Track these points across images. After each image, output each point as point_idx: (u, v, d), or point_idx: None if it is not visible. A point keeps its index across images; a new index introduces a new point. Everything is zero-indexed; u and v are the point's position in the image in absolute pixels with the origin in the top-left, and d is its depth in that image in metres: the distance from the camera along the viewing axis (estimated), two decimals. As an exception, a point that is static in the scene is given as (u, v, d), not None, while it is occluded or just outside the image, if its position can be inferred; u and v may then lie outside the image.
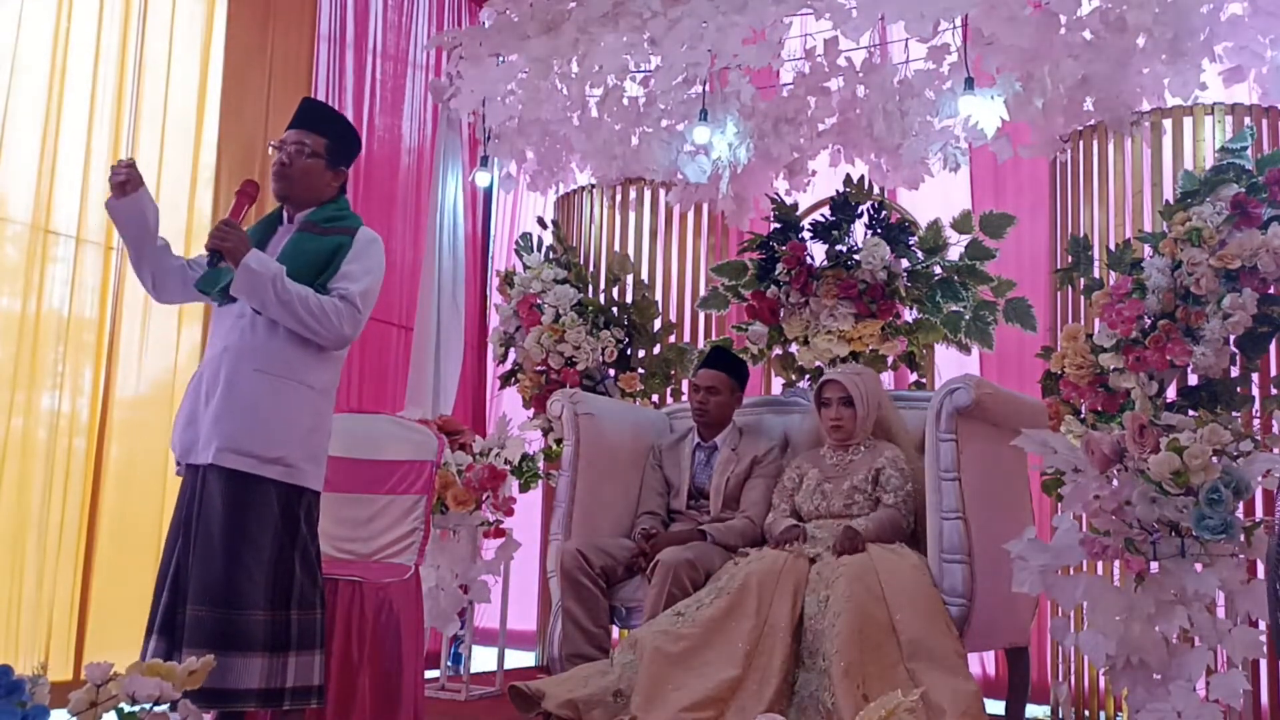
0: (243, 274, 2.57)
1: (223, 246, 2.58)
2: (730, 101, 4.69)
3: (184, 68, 4.36)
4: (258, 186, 2.76)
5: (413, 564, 3.55)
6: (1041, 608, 3.86)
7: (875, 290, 4.24)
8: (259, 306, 2.62)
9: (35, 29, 3.87)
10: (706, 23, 4.42)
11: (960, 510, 3.12)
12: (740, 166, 4.78)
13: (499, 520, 4.20)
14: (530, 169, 5.28)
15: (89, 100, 4.02)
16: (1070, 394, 3.85)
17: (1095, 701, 3.95)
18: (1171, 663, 2.67)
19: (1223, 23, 3.78)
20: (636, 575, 3.48)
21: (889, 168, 4.61)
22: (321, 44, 4.93)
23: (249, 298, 2.61)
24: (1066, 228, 4.19)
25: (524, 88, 4.98)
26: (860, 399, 3.46)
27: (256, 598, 2.53)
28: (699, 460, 3.78)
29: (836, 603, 2.94)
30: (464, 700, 4.18)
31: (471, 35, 5.19)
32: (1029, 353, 4.33)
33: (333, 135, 2.82)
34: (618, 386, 4.85)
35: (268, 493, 2.59)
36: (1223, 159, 3.74)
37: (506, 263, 5.80)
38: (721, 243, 5.16)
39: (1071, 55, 3.89)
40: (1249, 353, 3.65)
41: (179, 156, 4.31)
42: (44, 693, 1.76)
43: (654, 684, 2.92)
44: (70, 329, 3.92)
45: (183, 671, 1.92)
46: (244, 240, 2.61)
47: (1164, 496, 2.63)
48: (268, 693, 2.53)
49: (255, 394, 2.60)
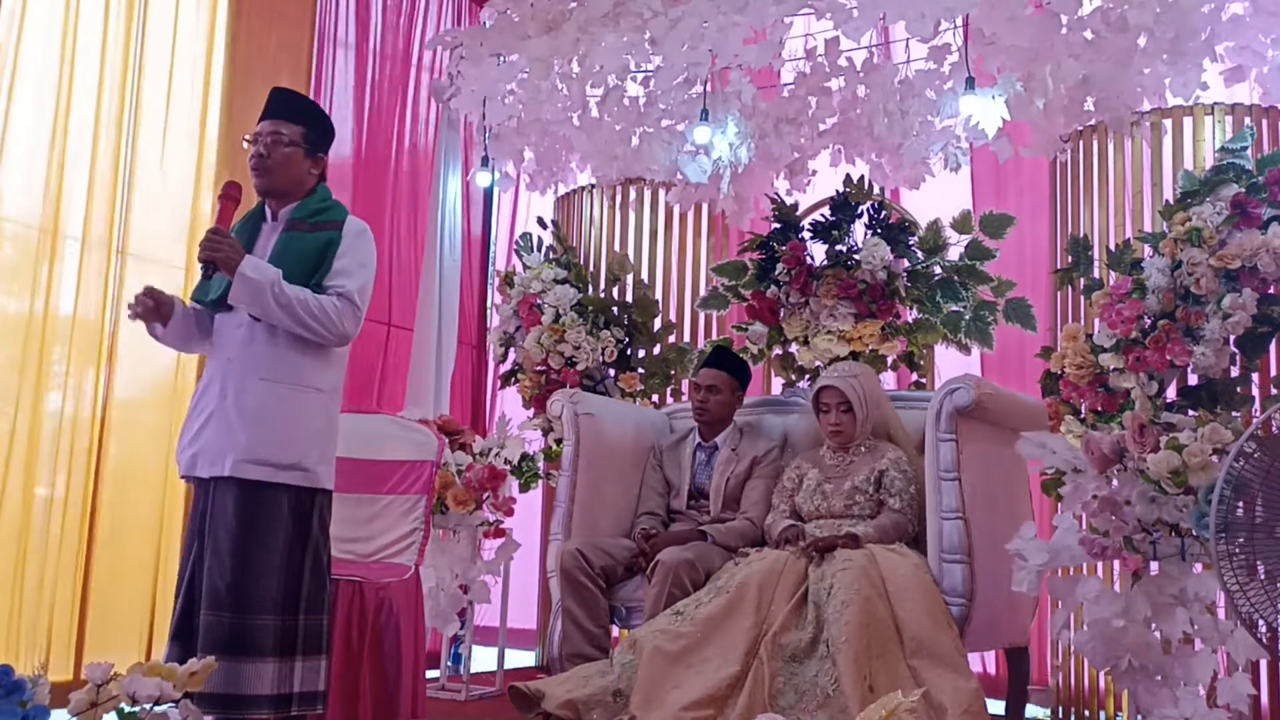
0: (239, 283, 2.54)
1: (215, 257, 2.55)
2: (731, 101, 4.69)
3: (186, 68, 4.35)
4: (239, 187, 2.71)
5: (413, 564, 3.56)
6: (1041, 607, 3.86)
7: (875, 290, 4.24)
8: (259, 313, 2.59)
9: (38, 30, 3.86)
10: (707, 23, 4.42)
11: (960, 510, 3.12)
12: (741, 166, 4.78)
13: (499, 520, 4.20)
14: (530, 169, 5.27)
15: (92, 101, 4.01)
16: (1070, 394, 3.85)
17: (1095, 701, 3.95)
18: (1177, 665, 2.67)
19: (1224, 22, 3.77)
20: (636, 575, 3.48)
21: (890, 168, 4.61)
22: (322, 44, 4.93)
23: (248, 305, 2.59)
24: (1066, 228, 4.19)
25: (524, 87, 4.98)
26: (859, 403, 3.45)
27: (267, 603, 2.54)
28: (699, 460, 3.78)
29: (843, 592, 2.94)
30: (464, 700, 4.18)
31: (472, 35, 5.19)
32: (1029, 353, 4.33)
33: (308, 122, 2.77)
34: (618, 386, 4.85)
35: (280, 498, 2.59)
36: (1223, 159, 3.73)
37: (506, 263, 5.80)
38: (721, 243, 5.16)
39: (1072, 55, 3.88)
40: (1249, 353, 3.65)
41: (181, 157, 4.30)
42: (44, 693, 1.76)
43: (653, 683, 2.92)
44: (71, 330, 3.91)
45: (183, 672, 1.92)
46: (236, 249, 2.57)
47: (1163, 496, 2.63)
48: (277, 699, 2.53)
49: (265, 403, 2.60)
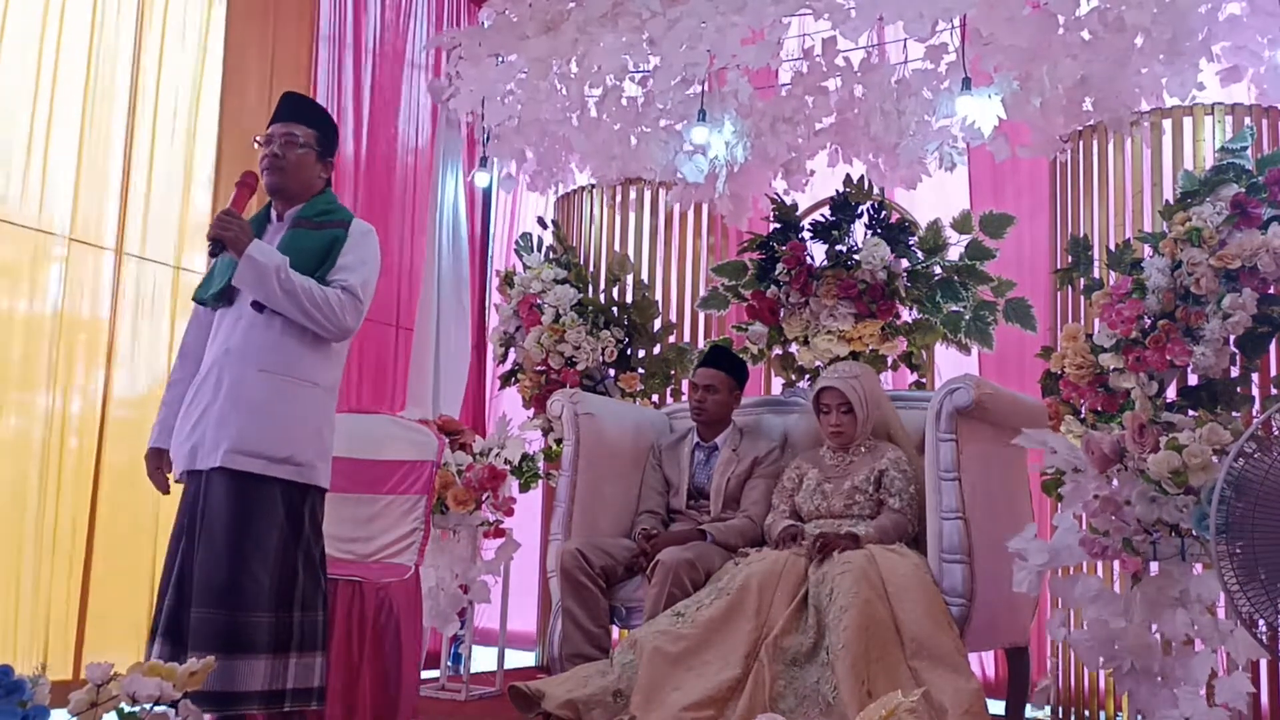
0: (245, 265, 2.55)
1: (225, 236, 2.56)
2: (728, 101, 4.69)
3: (182, 66, 4.36)
4: (258, 178, 2.74)
5: (413, 564, 3.55)
6: (1041, 607, 3.86)
7: (875, 290, 4.24)
8: (262, 298, 2.59)
9: (29, 28, 3.86)
10: (705, 23, 4.42)
11: (960, 510, 3.12)
12: (737, 166, 4.78)
13: (499, 520, 4.20)
14: (530, 169, 5.28)
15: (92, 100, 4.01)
16: (1070, 394, 3.85)
17: (1095, 702, 3.95)
18: (1176, 665, 2.67)
19: (1221, 22, 3.78)
20: (636, 575, 3.48)
21: (886, 167, 4.62)
22: (321, 44, 4.93)
23: (252, 289, 2.59)
24: (1066, 228, 4.19)
25: (523, 88, 4.98)
26: (860, 403, 3.45)
27: (261, 599, 2.53)
28: (698, 460, 3.78)
29: (842, 597, 2.93)
30: (464, 700, 4.18)
31: (470, 35, 5.19)
32: (1029, 353, 4.33)
33: (320, 127, 2.81)
34: (618, 386, 4.85)
35: (273, 492, 2.58)
36: (1223, 159, 3.74)
37: (506, 263, 5.80)
38: (721, 243, 5.16)
39: (1070, 55, 3.89)
40: (1249, 353, 3.65)
41: (176, 156, 4.31)
42: (44, 693, 1.76)
43: (653, 684, 2.92)
44: (70, 329, 3.91)
45: (183, 672, 1.92)
46: (246, 230, 2.58)
47: (1164, 496, 2.63)
48: (270, 695, 2.52)
49: (262, 394, 2.59)
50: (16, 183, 3.80)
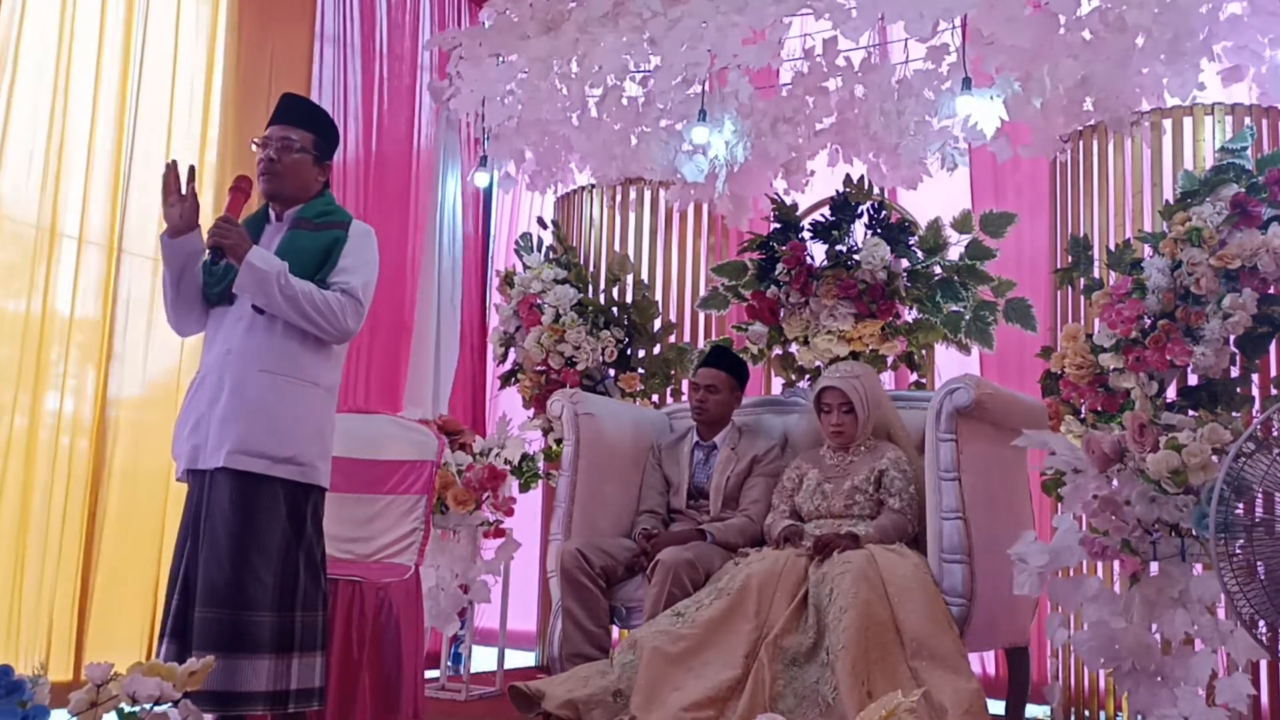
0: (246, 272, 2.56)
1: (224, 243, 2.57)
2: (728, 100, 4.69)
3: (187, 67, 4.36)
4: (250, 181, 2.74)
5: (413, 564, 3.56)
6: (1041, 608, 3.86)
7: (875, 290, 4.24)
8: (263, 304, 2.60)
9: (37, 29, 3.87)
10: (706, 23, 4.42)
11: (960, 510, 3.12)
12: (737, 165, 4.78)
13: (499, 520, 4.20)
14: (529, 169, 5.28)
15: (92, 100, 4.02)
16: (1070, 394, 3.85)
17: (1095, 702, 3.95)
18: (1176, 666, 2.67)
19: (1222, 22, 3.77)
20: (636, 575, 3.48)
21: (887, 168, 4.61)
22: (322, 44, 4.93)
23: (253, 295, 2.60)
24: (1066, 228, 4.19)
25: (524, 88, 4.97)
26: (860, 403, 3.45)
27: (264, 599, 2.53)
28: (697, 459, 3.78)
29: (842, 597, 2.93)
30: (464, 700, 4.18)
31: (471, 36, 5.18)
32: (1029, 353, 4.32)
33: (318, 130, 2.81)
34: (618, 386, 4.85)
35: (275, 492, 2.59)
36: (1223, 159, 3.74)
37: (506, 263, 5.80)
38: (721, 243, 5.16)
39: (1071, 55, 3.88)
40: (1249, 353, 3.65)
41: (181, 156, 4.30)
42: (44, 693, 1.76)
43: (653, 684, 2.92)
44: (71, 329, 3.91)
45: (183, 672, 1.92)
46: (244, 237, 2.59)
47: (1163, 496, 2.63)
48: (274, 695, 2.53)
49: (264, 395, 2.60)
50: (18, 182, 3.80)
